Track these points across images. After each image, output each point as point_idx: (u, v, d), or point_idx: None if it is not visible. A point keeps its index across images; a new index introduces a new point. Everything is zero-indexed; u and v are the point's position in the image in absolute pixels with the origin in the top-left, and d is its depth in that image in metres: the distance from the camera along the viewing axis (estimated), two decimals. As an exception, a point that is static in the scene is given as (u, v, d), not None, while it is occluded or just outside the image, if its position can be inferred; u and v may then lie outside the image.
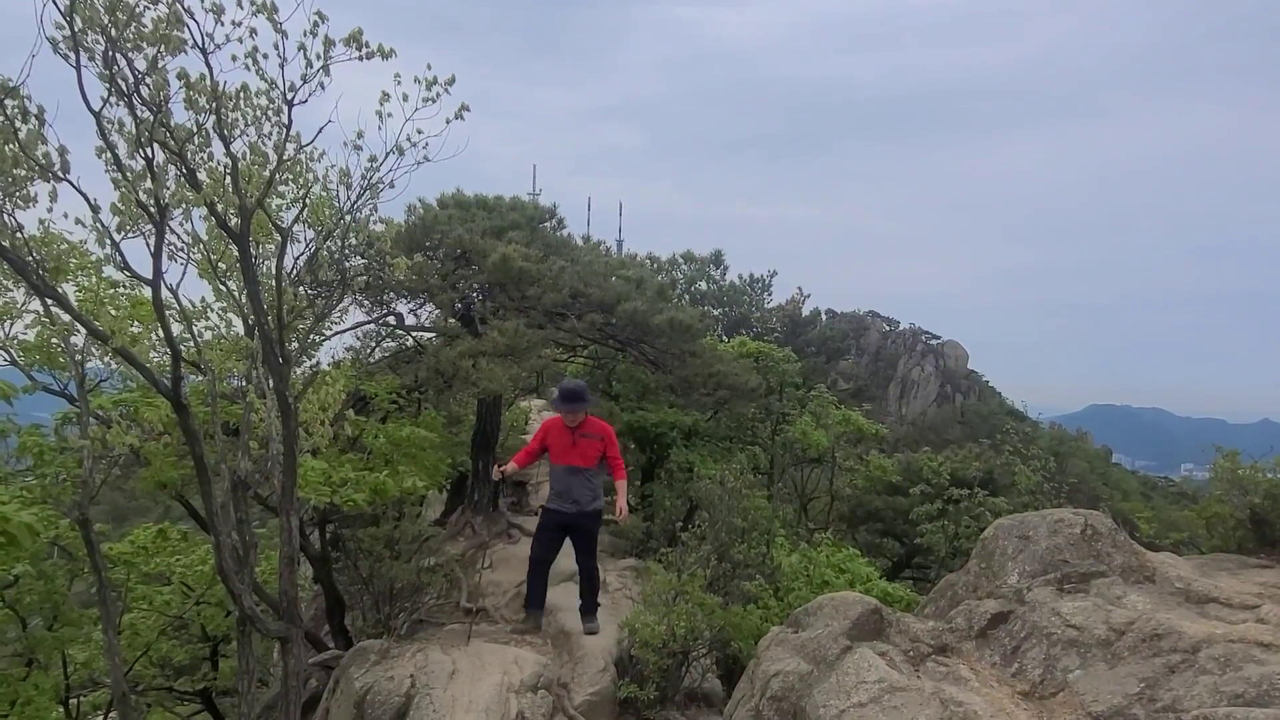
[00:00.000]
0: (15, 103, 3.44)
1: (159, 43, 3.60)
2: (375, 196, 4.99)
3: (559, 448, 6.55)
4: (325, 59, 4.10)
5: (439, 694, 6.01)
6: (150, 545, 8.64)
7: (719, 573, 7.29)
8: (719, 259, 20.17)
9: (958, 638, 4.37)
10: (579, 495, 6.53)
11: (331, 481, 6.69)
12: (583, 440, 6.52)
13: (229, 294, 5.59)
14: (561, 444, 6.55)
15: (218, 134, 4.15)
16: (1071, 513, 4.57)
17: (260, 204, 4.33)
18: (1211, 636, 3.47)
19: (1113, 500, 24.46)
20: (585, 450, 6.53)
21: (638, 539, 9.99)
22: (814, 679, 4.18)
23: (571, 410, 6.48)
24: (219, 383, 5.36)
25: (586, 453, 6.53)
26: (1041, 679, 3.82)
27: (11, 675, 6.97)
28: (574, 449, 6.51)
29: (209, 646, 9.97)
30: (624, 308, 8.79)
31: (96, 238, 3.97)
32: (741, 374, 10.05)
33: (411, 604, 8.01)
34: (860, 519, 15.72)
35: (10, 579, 6.96)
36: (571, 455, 6.51)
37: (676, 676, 6.60)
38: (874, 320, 66.25)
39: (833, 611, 4.58)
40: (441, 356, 7.86)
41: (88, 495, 5.09)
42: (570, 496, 6.52)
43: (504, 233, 9.17)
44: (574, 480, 6.52)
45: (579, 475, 6.52)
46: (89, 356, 5.59)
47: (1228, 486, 6.06)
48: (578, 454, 6.51)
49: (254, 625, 4.88)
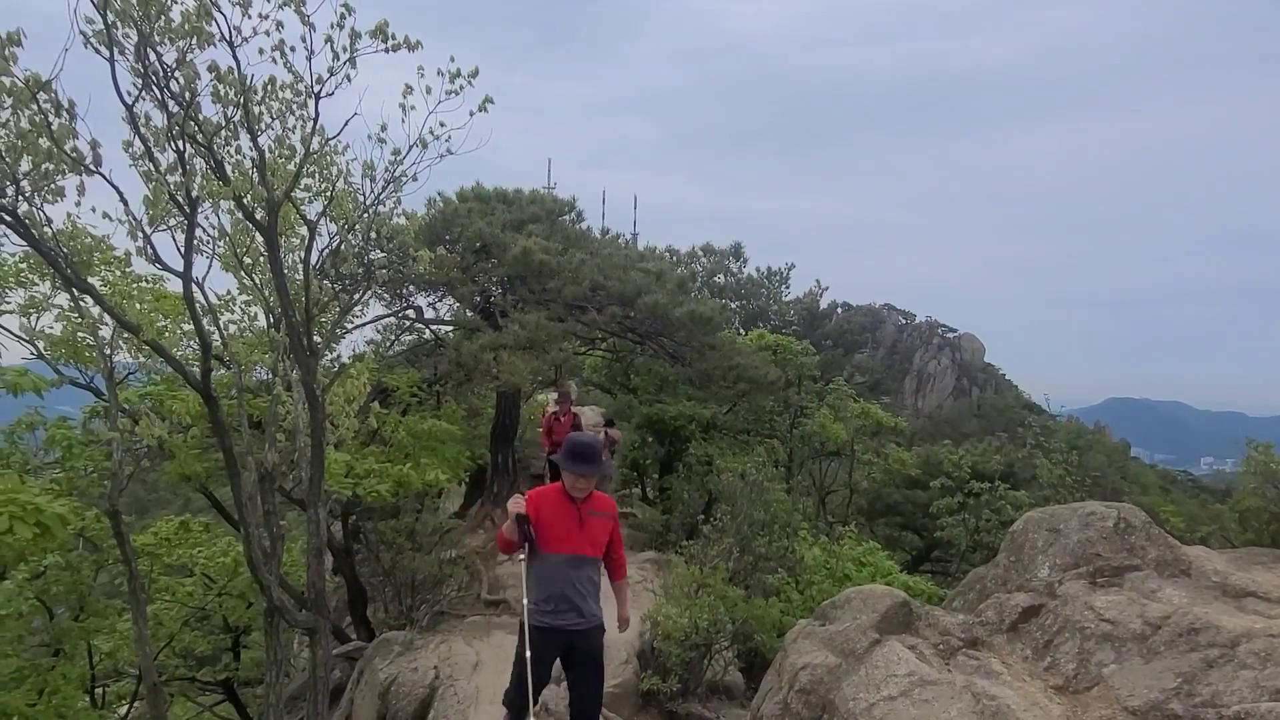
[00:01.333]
0: (48, 97, 3.45)
1: (189, 35, 3.60)
2: (399, 190, 4.99)
3: (559, 528, 4.23)
4: (352, 51, 4.09)
5: (463, 685, 6.04)
6: (173, 537, 8.71)
7: (741, 565, 7.28)
8: (739, 251, 20.09)
9: (988, 631, 4.32)
10: (585, 601, 4.29)
11: (355, 474, 6.72)
12: (591, 519, 4.31)
13: (253, 287, 5.62)
14: (563, 523, 4.24)
15: (245, 127, 4.16)
16: (1104, 505, 4.51)
17: (287, 196, 4.33)
18: (1251, 631, 3.41)
19: (1132, 494, 24.24)
20: (594, 533, 4.32)
21: (656, 531, 9.99)
22: (843, 672, 4.15)
23: (584, 475, 4.25)
24: (244, 375, 5.39)
25: (596, 537, 4.33)
26: (1075, 673, 3.77)
27: (40, 665, 7.04)
28: (581, 531, 4.26)
29: (231, 637, 10.05)
30: (644, 301, 8.77)
31: (128, 230, 3.98)
32: (761, 367, 10.03)
33: (433, 596, 8.06)
34: (879, 512, 15.66)
35: (39, 569, 7.04)
36: (577, 540, 4.25)
37: (699, 669, 6.60)
38: (890, 313, 65.88)
39: (861, 604, 4.55)
40: (463, 350, 7.87)
41: (117, 487, 5.13)
42: (570, 601, 4.23)
43: (524, 226, 9.17)
44: (578, 576, 4.27)
45: (584, 570, 4.31)
46: (116, 350, 5.62)
47: (1261, 480, 5.97)
48: (586, 539, 4.28)
49: (282, 617, 4.91)
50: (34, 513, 4.33)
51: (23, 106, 3.51)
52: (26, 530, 4.27)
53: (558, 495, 4.28)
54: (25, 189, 3.76)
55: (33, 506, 4.32)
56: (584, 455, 4.27)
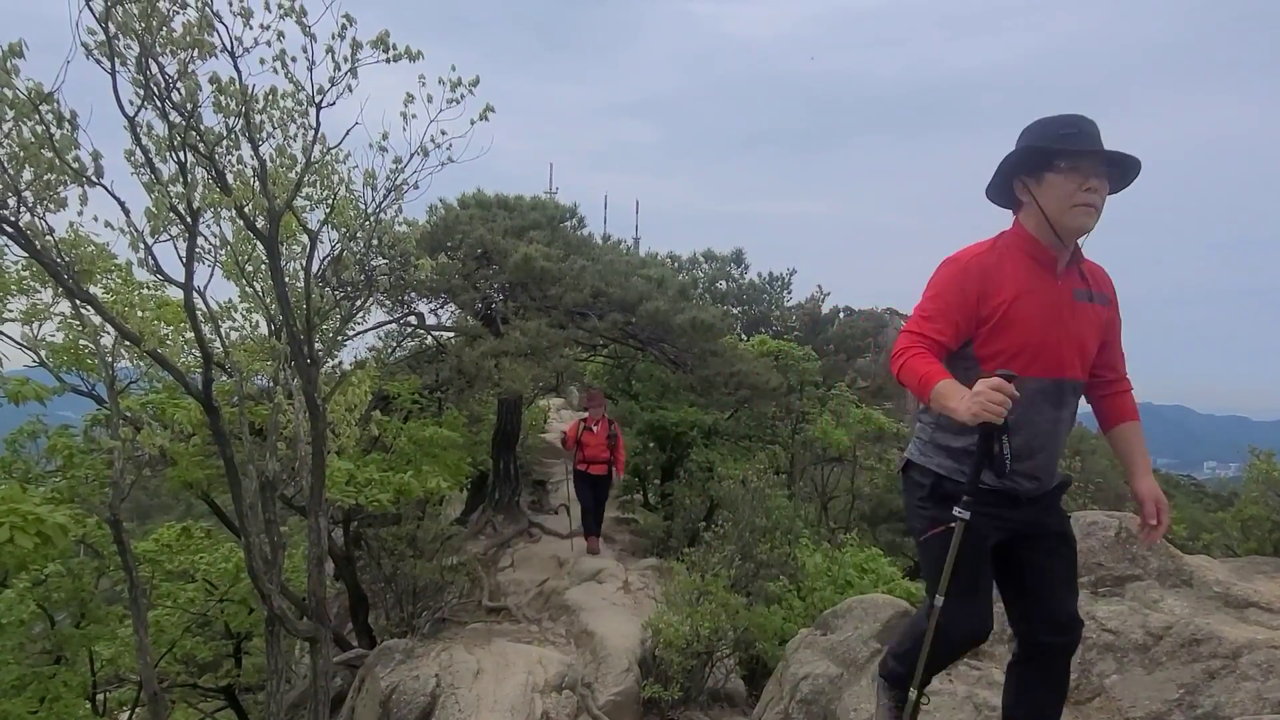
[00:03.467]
0: (50, 108, 3.46)
1: (190, 47, 3.61)
2: (400, 198, 5.00)
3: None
4: (353, 62, 4.11)
5: (464, 693, 6.03)
6: (174, 543, 8.72)
7: (743, 573, 7.27)
8: (740, 258, 20.06)
9: (989, 641, 4.32)
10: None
11: (356, 481, 6.72)
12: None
13: (255, 295, 5.63)
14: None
15: (246, 137, 4.17)
16: (1105, 515, 4.50)
17: (289, 206, 4.34)
18: (1253, 642, 3.41)
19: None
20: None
21: (658, 538, 9.97)
22: (844, 682, 4.15)
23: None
24: (245, 383, 5.39)
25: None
26: (1077, 683, 3.76)
27: (41, 672, 7.04)
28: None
29: (232, 643, 10.05)
30: (645, 307, 8.77)
31: (130, 241, 3.99)
32: (762, 373, 10.03)
33: (434, 603, 8.05)
34: (881, 518, 15.62)
35: (40, 577, 7.04)
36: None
37: (700, 677, 6.59)
38: (892, 317, 65.77)
39: (862, 614, 4.55)
40: (464, 356, 7.88)
41: (118, 496, 5.13)
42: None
43: (525, 232, 9.18)
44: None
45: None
46: (118, 358, 5.63)
47: (1263, 488, 5.95)
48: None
49: (283, 626, 4.91)
50: (35, 522, 4.33)
51: (25, 118, 3.52)
52: (27, 540, 4.27)
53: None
54: (28, 199, 3.77)
55: (34, 516, 4.33)
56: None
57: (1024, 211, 2.45)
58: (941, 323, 2.39)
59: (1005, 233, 2.50)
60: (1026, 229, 2.43)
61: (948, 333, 2.39)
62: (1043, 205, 2.34)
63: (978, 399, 2.13)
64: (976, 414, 2.13)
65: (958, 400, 2.19)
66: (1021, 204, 2.46)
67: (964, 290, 2.38)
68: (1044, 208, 2.34)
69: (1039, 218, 2.37)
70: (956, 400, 2.19)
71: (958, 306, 2.39)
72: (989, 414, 2.11)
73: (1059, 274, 2.42)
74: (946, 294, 2.41)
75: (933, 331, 2.39)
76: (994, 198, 2.55)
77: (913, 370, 2.34)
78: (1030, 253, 2.41)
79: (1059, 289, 2.41)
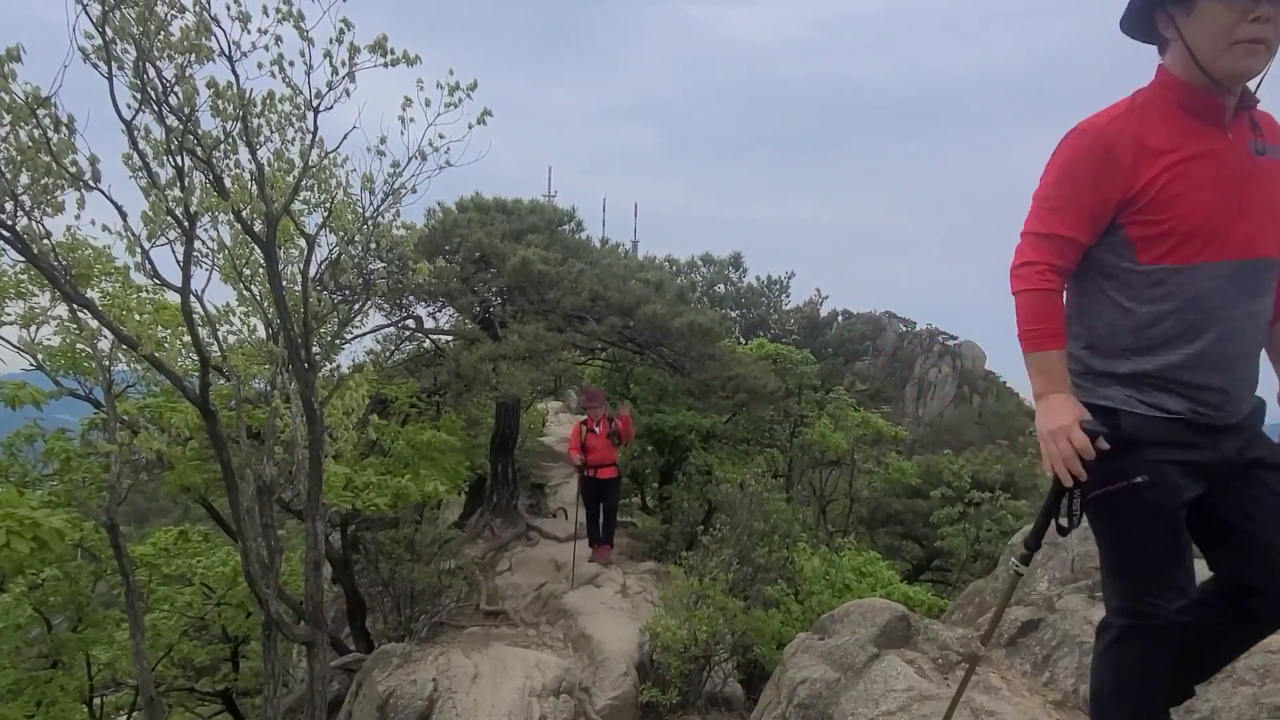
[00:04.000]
0: (47, 112, 3.46)
1: (188, 51, 3.62)
2: (398, 201, 5.00)
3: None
4: (350, 66, 4.11)
5: (461, 698, 6.02)
6: (171, 546, 8.71)
7: (740, 576, 7.26)
8: (738, 261, 20.10)
9: (988, 645, 4.32)
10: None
11: (354, 485, 6.71)
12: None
13: (252, 299, 5.63)
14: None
15: (244, 141, 4.17)
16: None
17: (286, 210, 4.34)
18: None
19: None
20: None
21: (656, 541, 9.96)
22: (841, 687, 4.14)
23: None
24: (243, 387, 5.39)
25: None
26: (1074, 688, 3.76)
27: (38, 676, 7.03)
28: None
29: (230, 647, 10.04)
30: (643, 311, 8.77)
31: (127, 245, 3.99)
32: (760, 376, 10.02)
33: (432, 607, 8.03)
34: (879, 521, 15.63)
35: (37, 581, 7.03)
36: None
37: (698, 681, 6.58)
38: (890, 321, 65.80)
39: (860, 618, 4.54)
40: (462, 360, 7.87)
41: (115, 500, 5.13)
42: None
43: (523, 236, 9.18)
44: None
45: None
46: (115, 361, 5.63)
47: None
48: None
49: (280, 629, 4.90)
50: (31, 527, 4.33)
51: (22, 122, 3.52)
52: (24, 545, 4.27)
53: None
54: (25, 203, 3.77)
55: (30, 521, 4.32)
56: None
57: (1170, 53, 1.91)
58: (1070, 214, 1.92)
59: (1144, 87, 1.95)
60: (1175, 75, 1.89)
61: (1081, 225, 1.92)
62: (1191, 44, 1.81)
63: (1055, 442, 1.85)
64: (1050, 455, 1.87)
65: (1047, 406, 1.90)
66: (1167, 42, 1.92)
67: (1099, 167, 1.87)
68: (1193, 47, 1.81)
69: (1188, 60, 1.84)
70: (1046, 404, 1.90)
71: (1091, 190, 1.89)
72: (1059, 469, 1.86)
73: (1227, 125, 1.88)
74: (1077, 174, 1.90)
75: (1062, 228, 1.93)
76: (1129, 30, 2.00)
77: (1025, 311, 1.96)
78: (1185, 104, 1.87)
79: (1231, 144, 1.87)
